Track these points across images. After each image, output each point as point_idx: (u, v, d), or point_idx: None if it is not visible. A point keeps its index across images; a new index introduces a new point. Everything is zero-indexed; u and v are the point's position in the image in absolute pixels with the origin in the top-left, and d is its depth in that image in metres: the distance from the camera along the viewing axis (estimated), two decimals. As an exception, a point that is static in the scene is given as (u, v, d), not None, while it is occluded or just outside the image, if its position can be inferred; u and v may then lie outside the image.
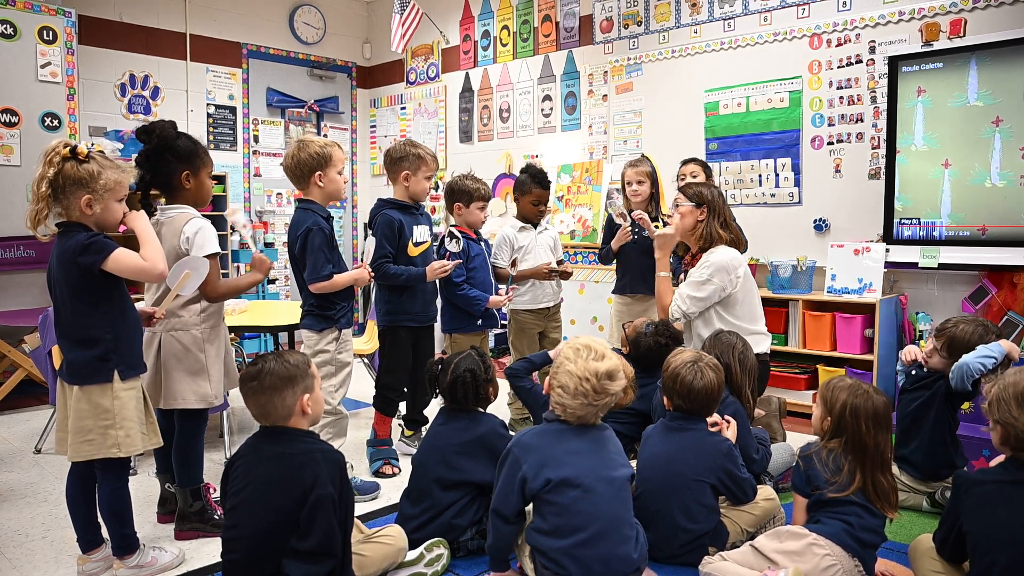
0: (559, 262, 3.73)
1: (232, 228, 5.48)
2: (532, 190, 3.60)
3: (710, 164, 4.10)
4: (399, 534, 2.18)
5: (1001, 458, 1.89)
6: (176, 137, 2.41)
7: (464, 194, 3.39)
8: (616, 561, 1.91)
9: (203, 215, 2.52)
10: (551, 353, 2.76)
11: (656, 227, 3.57)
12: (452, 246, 3.28)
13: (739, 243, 3.05)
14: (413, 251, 3.11)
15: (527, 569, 2.06)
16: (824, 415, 2.09)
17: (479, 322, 3.37)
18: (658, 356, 2.83)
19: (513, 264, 3.42)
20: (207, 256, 2.35)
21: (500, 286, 3.45)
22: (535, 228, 3.65)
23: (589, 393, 1.95)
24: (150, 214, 2.49)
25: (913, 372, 2.76)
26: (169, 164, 2.39)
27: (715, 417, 2.36)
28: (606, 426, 2.09)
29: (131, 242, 2.23)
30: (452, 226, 3.44)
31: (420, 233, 3.14)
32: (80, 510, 2.20)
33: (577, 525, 1.91)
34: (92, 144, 2.09)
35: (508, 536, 2.07)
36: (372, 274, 2.89)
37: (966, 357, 2.51)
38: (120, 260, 2.03)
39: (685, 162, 3.91)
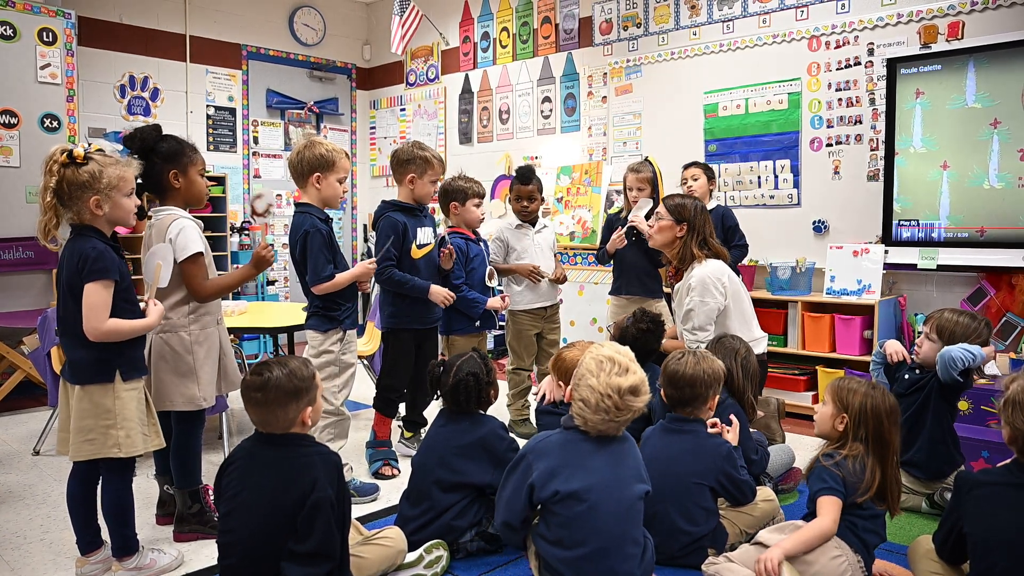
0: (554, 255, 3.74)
1: (252, 215, 5.42)
2: (513, 187, 3.66)
3: (710, 165, 4.11)
4: (398, 536, 2.18)
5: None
6: (158, 139, 2.42)
7: (459, 193, 3.39)
8: None
9: (200, 215, 2.51)
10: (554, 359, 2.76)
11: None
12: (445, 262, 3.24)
13: (721, 258, 3.04)
14: (416, 253, 3.12)
15: (532, 568, 2.07)
16: (837, 413, 2.06)
17: (477, 324, 3.37)
18: (644, 344, 2.85)
19: (490, 276, 3.42)
20: (189, 257, 2.34)
21: (491, 284, 3.44)
22: (532, 227, 3.66)
23: (611, 410, 1.90)
24: (143, 217, 2.49)
25: (907, 376, 2.77)
26: (155, 166, 2.40)
27: (715, 419, 2.36)
28: (627, 437, 2.04)
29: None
30: (450, 227, 3.45)
31: (424, 235, 3.15)
32: (80, 511, 2.20)
33: (579, 539, 1.89)
34: (89, 144, 2.09)
35: (521, 538, 2.10)
36: (375, 266, 2.89)
37: (949, 348, 2.54)
38: (91, 293, 2.02)
39: (687, 166, 3.94)
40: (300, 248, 2.71)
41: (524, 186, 3.62)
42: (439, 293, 3.10)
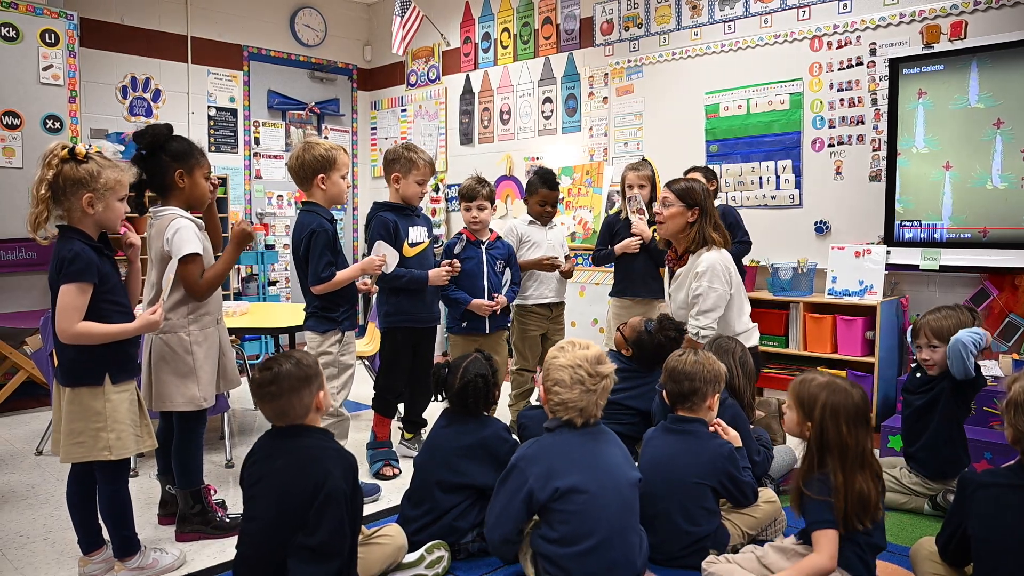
0: (566, 257, 3.74)
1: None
2: (538, 190, 3.64)
3: (711, 167, 4.11)
4: (397, 532, 2.19)
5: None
6: (169, 138, 2.42)
7: (460, 196, 3.42)
8: (620, 568, 1.91)
9: (202, 216, 2.52)
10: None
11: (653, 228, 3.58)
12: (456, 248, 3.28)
13: (727, 243, 3.04)
14: (409, 252, 3.12)
15: (527, 571, 2.06)
16: (802, 419, 1.96)
17: (464, 324, 3.35)
18: (668, 353, 2.82)
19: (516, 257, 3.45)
20: (185, 256, 2.33)
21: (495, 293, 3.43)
22: (545, 224, 3.68)
23: (585, 379, 1.99)
24: (142, 214, 2.50)
25: (918, 375, 2.75)
26: (162, 163, 2.40)
27: (714, 416, 2.36)
28: (607, 429, 2.09)
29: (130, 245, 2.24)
30: (462, 228, 3.47)
31: (416, 234, 3.16)
32: (79, 512, 2.20)
33: (585, 532, 1.90)
34: (90, 144, 2.11)
35: (514, 550, 2.09)
36: (381, 270, 2.89)
37: (958, 335, 2.47)
38: (63, 295, 2.01)
39: (687, 172, 3.92)
40: (305, 246, 2.72)
41: (552, 191, 3.63)
42: (438, 276, 3.12)
